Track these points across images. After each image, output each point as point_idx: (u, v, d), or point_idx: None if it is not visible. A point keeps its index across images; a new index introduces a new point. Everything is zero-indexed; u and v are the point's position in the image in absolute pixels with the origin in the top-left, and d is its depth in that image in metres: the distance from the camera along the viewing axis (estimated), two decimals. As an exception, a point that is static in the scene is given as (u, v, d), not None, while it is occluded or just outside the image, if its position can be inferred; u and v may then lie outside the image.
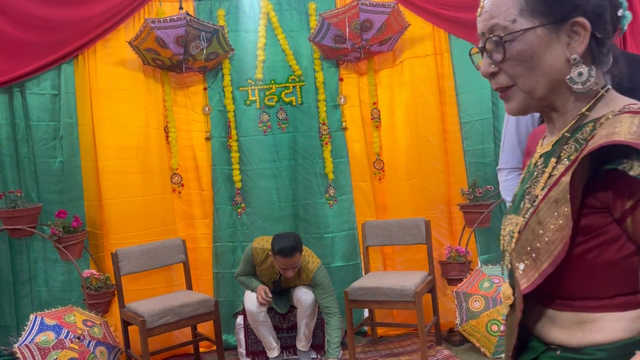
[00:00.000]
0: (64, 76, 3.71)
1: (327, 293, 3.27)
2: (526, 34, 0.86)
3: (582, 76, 0.85)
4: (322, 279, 3.27)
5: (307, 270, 3.26)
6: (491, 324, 3.27)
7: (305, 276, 3.27)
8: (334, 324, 3.20)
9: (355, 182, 3.99)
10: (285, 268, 3.13)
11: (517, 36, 0.87)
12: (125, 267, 3.46)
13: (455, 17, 3.81)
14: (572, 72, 0.86)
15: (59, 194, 3.74)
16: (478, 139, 3.92)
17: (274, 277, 3.32)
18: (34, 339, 3.22)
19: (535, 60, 0.87)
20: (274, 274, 3.30)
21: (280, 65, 3.95)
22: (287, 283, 3.36)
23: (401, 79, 3.97)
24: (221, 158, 3.92)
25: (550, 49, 0.86)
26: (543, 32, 0.86)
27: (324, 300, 3.25)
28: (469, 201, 3.75)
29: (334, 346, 3.15)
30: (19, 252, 3.77)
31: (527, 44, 0.87)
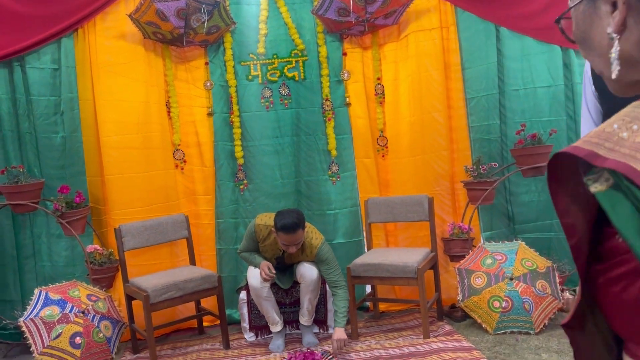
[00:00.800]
0: (64, 50, 3.67)
1: (333, 268, 3.28)
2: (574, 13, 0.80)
3: None
4: (327, 254, 3.27)
5: (311, 246, 3.26)
6: (493, 300, 3.28)
7: (310, 252, 3.28)
8: (342, 295, 3.23)
9: (359, 158, 3.96)
10: (287, 244, 3.14)
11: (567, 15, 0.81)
12: (128, 242, 3.47)
13: (462, -11, 3.73)
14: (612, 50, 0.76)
15: (61, 169, 3.73)
16: (483, 115, 3.87)
17: (277, 253, 3.32)
18: (39, 313, 3.25)
19: (587, 39, 0.80)
20: (277, 250, 3.30)
21: (282, 39, 3.88)
22: (291, 259, 3.36)
23: (406, 54, 3.90)
24: (223, 134, 3.89)
25: (594, 26, 0.78)
26: (584, 8, 0.79)
27: (330, 275, 3.26)
28: (472, 178, 3.72)
29: (341, 315, 3.19)
30: (23, 228, 3.79)
31: (575, 23, 0.80)
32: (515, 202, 3.95)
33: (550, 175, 0.74)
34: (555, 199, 0.73)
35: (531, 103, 3.84)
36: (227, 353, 3.35)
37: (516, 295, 3.24)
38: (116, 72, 3.70)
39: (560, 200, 0.73)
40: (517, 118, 3.83)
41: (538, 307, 3.22)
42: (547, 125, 3.78)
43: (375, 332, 3.50)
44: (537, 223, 3.92)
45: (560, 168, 0.72)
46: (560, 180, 0.73)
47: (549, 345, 3.02)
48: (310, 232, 3.29)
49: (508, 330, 3.24)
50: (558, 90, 3.82)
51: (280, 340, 3.37)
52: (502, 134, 3.90)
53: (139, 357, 3.39)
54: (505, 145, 3.88)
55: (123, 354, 3.46)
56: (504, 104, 3.87)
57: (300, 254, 3.29)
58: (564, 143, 3.82)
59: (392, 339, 3.31)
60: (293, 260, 3.37)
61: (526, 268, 3.33)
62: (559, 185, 0.73)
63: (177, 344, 3.60)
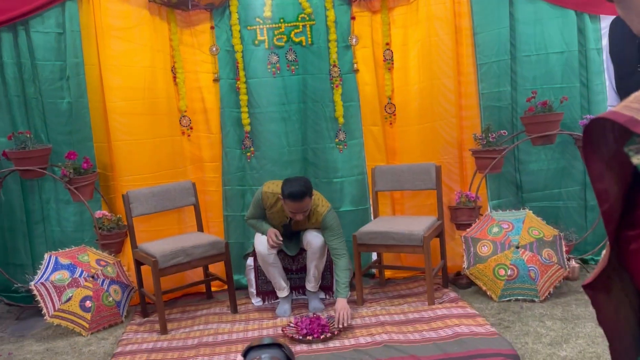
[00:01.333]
0: (68, 14, 3.62)
1: (336, 235, 3.28)
2: None
3: None
4: (332, 221, 3.28)
5: (317, 213, 3.27)
6: (498, 268, 3.29)
7: (315, 219, 3.28)
8: (343, 264, 3.24)
9: (366, 126, 3.92)
10: (294, 212, 3.14)
11: None
12: (136, 208, 3.49)
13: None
14: None
15: (67, 135, 3.73)
16: (494, 81, 3.80)
17: (284, 220, 3.33)
18: (50, 277, 3.30)
19: None
20: (283, 217, 3.31)
21: (289, 3, 3.79)
22: (297, 226, 3.37)
23: (416, 18, 3.81)
24: (230, 100, 3.85)
25: None
26: None
27: (333, 242, 3.27)
28: (481, 146, 3.68)
29: (342, 286, 3.21)
30: (31, 193, 3.81)
31: None
32: (524, 171, 3.91)
33: (585, 139, 0.72)
34: (589, 164, 0.72)
35: (543, 69, 3.76)
36: (234, 317, 3.41)
37: (522, 263, 3.24)
38: (121, 36, 3.65)
39: (595, 166, 0.72)
40: (528, 85, 3.76)
41: (543, 275, 3.23)
42: (559, 92, 3.71)
43: (380, 298, 3.54)
44: (546, 192, 3.90)
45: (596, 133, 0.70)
46: (595, 145, 0.71)
47: (553, 313, 3.04)
48: (317, 200, 3.29)
49: (513, 298, 3.26)
50: (571, 56, 3.74)
51: (287, 305, 3.42)
52: (512, 101, 3.83)
53: (149, 320, 3.46)
54: (516, 113, 3.82)
55: (132, 318, 3.53)
56: (515, 70, 3.79)
57: (307, 222, 3.30)
58: (576, 111, 3.76)
59: (397, 305, 3.34)
60: (300, 228, 3.38)
61: (533, 237, 3.32)
62: (594, 150, 0.71)
63: (185, 308, 3.67)
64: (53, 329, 3.38)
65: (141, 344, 3.06)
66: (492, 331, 2.78)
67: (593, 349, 2.57)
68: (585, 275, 3.62)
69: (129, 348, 3.01)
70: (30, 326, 3.50)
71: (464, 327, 2.86)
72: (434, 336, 2.81)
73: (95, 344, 3.15)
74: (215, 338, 3.08)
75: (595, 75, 3.74)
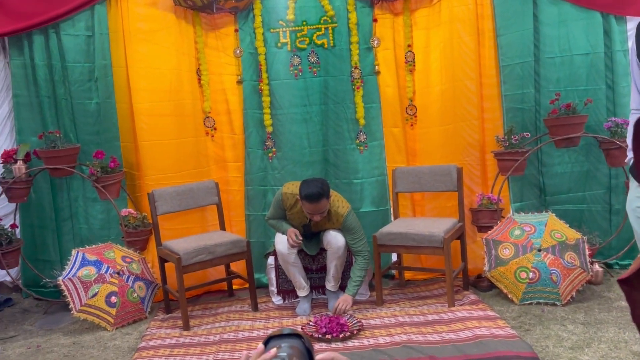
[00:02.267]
0: (97, 17, 3.73)
1: (358, 237, 3.32)
2: None
3: None
4: (353, 223, 3.31)
5: (337, 214, 3.30)
6: (520, 271, 3.26)
7: (336, 220, 3.31)
8: (360, 263, 3.29)
9: (387, 127, 3.93)
10: (312, 213, 3.18)
11: None
12: (161, 207, 3.57)
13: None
14: None
15: (95, 135, 3.84)
16: (517, 83, 3.78)
17: (304, 221, 3.37)
18: (77, 273, 3.40)
19: None
20: (303, 218, 3.35)
21: (312, 6, 3.83)
22: (317, 227, 3.41)
23: (438, 20, 3.81)
24: (252, 102, 3.91)
25: None
26: None
27: (355, 244, 3.31)
28: (503, 148, 3.66)
29: (353, 284, 3.27)
30: (60, 191, 3.93)
31: None
32: (547, 173, 3.87)
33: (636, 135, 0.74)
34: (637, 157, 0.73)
35: (567, 71, 3.72)
36: (255, 315, 3.46)
37: (544, 266, 3.21)
38: (148, 39, 3.74)
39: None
40: (552, 87, 3.73)
41: (566, 278, 3.19)
42: (583, 94, 3.67)
43: (400, 299, 3.54)
44: (569, 195, 3.85)
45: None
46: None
47: (575, 317, 3.01)
48: (336, 201, 3.32)
49: (534, 301, 3.24)
50: (597, 58, 3.69)
51: (307, 304, 3.45)
52: (536, 103, 3.80)
53: (172, 316, 3.53)
54: (539, 115, 3.79)
55: (156, 314, 3.60)
56: (538, 72, 3.76)
57: (327, 222, 3.33)
58: (601, 113, 3.71)
59: (417, 307, 3.35)
60: (320, 228, 3.41)
61: (555, 240, 3.29)
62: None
63: (207, 305, 3.73)
64: (79, 323, 3.47)
65: (164, 340, 3.13)
66: (512, 334, 2.76)
67: (615, 353, 2.54)
68: (609, 280, 3.56)
69: (152, 343, 3.08)
70: (58, 320, 3.60)
71: (483, 329, 2.85)
72: (453, 337, 2.80)
73: (119, 339, 3.22)
74: (236, 335, 3.13)
75: (621, 78, 3.69)
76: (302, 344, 0.89)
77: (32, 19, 3.65)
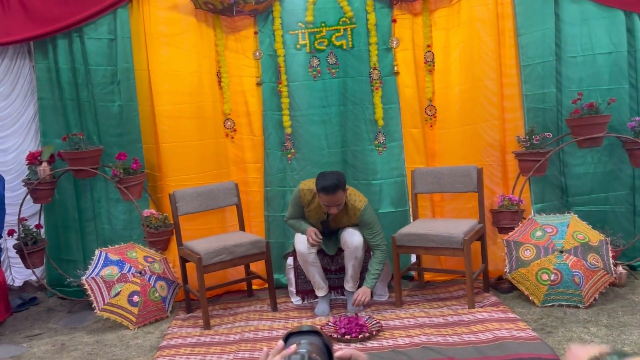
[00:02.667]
0: (119, 21, 3.79)
1: (375, 232, 3.35)
2: None
3: None
4: (370, 217, 3.33)
5: (355, 208, 3.31)
6: (541, 273, 3.23)
7: (353, 214, 3.33)
8: (379, 257, 3.34)
9: (406, 128, 3.92)
10: (328, 205, 3.21)
11: None
12: (182, 207, 3.61)
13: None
14: None
15: (118, 137, 3.90)
16: (538, 83, 3.73)
17: (322, 217, 3.38)
18: (100, 273, 3.46)
19: None
20: (321, 213, 3.37)
21: (331, 7, 3.85)
22: (336, 223, 3.42)
23: (458, 20, 3.79)
24: (272, 104, 3.94)
25: None
26: None
27: (373, 238, 3.34)
28: (524, 148, 3.62)
29: (371, 276, 3.31)
30: (83, 192, 4.01)
31: None
32: (569, 174, 3.82)
33: None
34: None
35: (590, 71, 3.67)
36: (274, 315, 3.48)
37: (566, 268, 3.17)
38: (169, 42, 3.79)
39: None
40: (574, 86, 3.68)
41: (589, 280, 3.15)
42: (606, 94, 3.62)
43: (419, 300, 3.53)
44: (592, 196, 3.79)
45: None
46: None
47: (598, 320, 2.96)
48: (353, 195, 3.33)
49: (556, 303, 3.19)
50: (620, 57, 3.63)
51: (326, 304, 3.46)
52: (557, 103, 3.76)
53: (192, 316, 3.57)
54: (561, 115, 3.74)
55: (177, 313, 3.65)
56: (560, 72, 3.72)
57: (344, 216, 3.34)
58: (625, 113, 3.65)
59: (436, 308, 3.33)
60: (338, 225, 3.42)
61: (577, 241, 3.25)
62: None
63: (227, 304, 3.76)
64: (102, 322, 3.53)
65: (185, 338, 3.17)
66: (533, 336, 2.73)
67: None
68: (633, 282, 3.50)
69: (173, 342, 3.12)
70: (81, 319, 3.67)
71: (504, 331, 2.83)
72: (473, 339, 2.79)
73: (141, 338, 3.27)
74: (256, 334, 3.15)
75: (645, 76, 3.62)
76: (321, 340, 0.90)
77: (57, 24, 3.73)
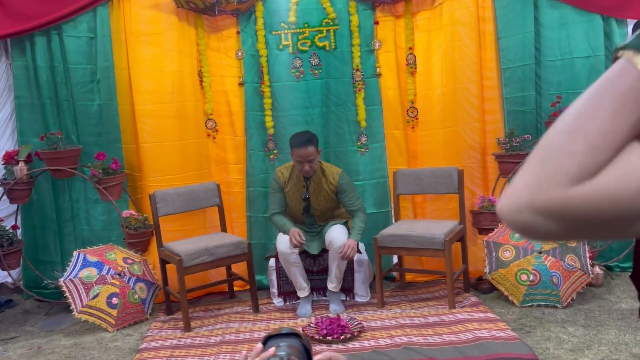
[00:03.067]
0: (99, 19, 3.74)
1: (355, 195, 3.49)
2: None
3: None
4: (349, 181, 3.47)
5: (333, 173, 3.43)
6: (520, 273, 3.27)
7: (332, 179, 3.42)
8: (360, 216, 3.44)
9: (388, 130, 3.94)
10: (301, 160, 3.28)
11: None
12: (162, 208, 3.57)
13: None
14: None
15: (97, 136, 3.84)
16: (518, 86, 3.79)
17: (302, 190, 3.45)
18: (78, 274, 3.40)
19: None
20: (301, 187, 3.43)
21: (314, 8, 3.85)
22: (317, 196, 3.43)
23: (439, 23, 3.83)
24: (254, 104, 3.92)
25: None
26: None
27: (354, 203, 3.45)
28: (505, 150, 3.67)
29: (356, 231, 3.39)
30: (62, 192, 3.94)
31: None
32: (547, 176, 3.87)
33: None
34: None
35: (568, 74, 3.73)
36: (256, 317, 3.46)
37: (544, 268, 3.22)
38: (150, 41, 3.75)
39: None
40: (553, 90, 3.74)
41: (566, 281, 3.20)
42: (584, 97, 3.67)
43: (401, 301, 3.55)
44: (570, 197, 3.85)
45: None
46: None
47: (575, 319, 3.01)
48: (329, 165, 3.51)
49: (535, 304, 3.24)
50: (597, 61, 3.70)
51: (308, 305, 3.46)
52: (537, 106, 3.81)
53: (172, 318, 3.53)
54: (540, 118, 3.79)
55: (157, 315, 3.61)
56: (540, 75, 3.78)
57: (324, 183, 3.41)
58: (601, 116, 3.71)
59: (418, 309, 3.35)
60: (319, 197, 3.44)
61: (556, 242, 3.30)
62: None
63: (208, 306, 3.73)
64: (80, 324, 3.48)
65: (165, 341, 3.13)
66: (512, 335, 2.77)
67: (616, 356, 2.54)
68: (610, 283, 3.57)
69: (153, 344, 3.09)
70: (59, 321, 3.61)
71: (484, 331, 2.86)
72: (453, 339, 2.81)
73: (120, 340, 3.23)
74: (237, 336, 3.13)
75: (621, 80, 3.69)
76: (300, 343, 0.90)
77: (35, 21, 3.66)
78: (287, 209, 3.52)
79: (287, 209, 3.52)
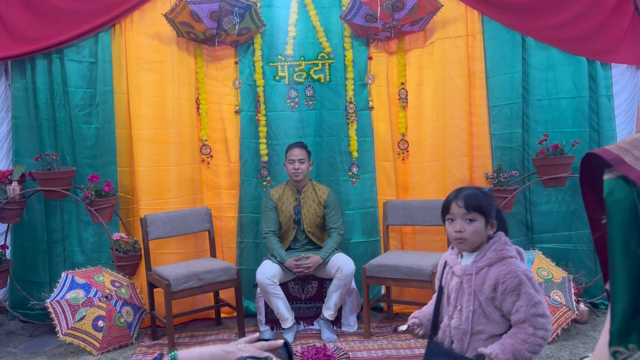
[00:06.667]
0: (101, 45, 3.83)
1: (339, 214, 3.67)
2: None
3: None
4: (335, 200, 3.68)
5: (322, 189, 3.67)
6: (506, 308, 3.29)
7: (322, 193, 3.64)
8: (335, 237, 3.59)
9: (379, 161, 4.02)
10: (293, 160, 3.52)
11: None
12: (153, 232, 3.59)
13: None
14: None
15: (93, 159, 3.89)
16: (506, 123, 3.89)
17: (294, 203, 3.58)
18: (65, 296, 3.39)
19: None
20: (293, 201, 3.58)
21: (310, 42, 3.97)
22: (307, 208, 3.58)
23: (431, 60, 3.95)
24: (249, 132, 4.00)
25: None
26: None
27: (336, 221, 3.63)
28: (492, 185, 3.74)
29: (326, 252, 3.50)
30: (53, 213, 3.95)
31: None
32: (534, 212, 3.95)
33: (581, 172, 0.80)
34: (584, 195, 0.80)
35: (555, 113, 3.85)
36: (242, 344, 3.44)
37: (530, 303, 3.25)
38: (150, 68, 3.84)
39: (589, 197, 0.81)
40: (539, 128, 3.84)
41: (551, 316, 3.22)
42: (569, 136, 3.79)
43: (387, 332, 3.55)
44: (556, 233, 3.92)
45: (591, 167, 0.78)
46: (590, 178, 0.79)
47: (559, 355, 3.03)
48: (319, 184, 3.74)
49: (520, 338, 3.25)
50: (582, 101, 3.83)
51: (290, 334, 3.45)
52: (524, 143, 3.91)
53: (158, 343, 3.51)
54: (527, 155, 3.89)
55: (142, 340, 3.58)
56: (527, 114, 3.89)
57: (314, 196, 3.59)
58: (587, 155, 3.81)
59: (404, 340, 3.36)
60: (309, 210, 3.60)
61: (541, 277, 3.34)
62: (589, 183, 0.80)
63: (194, 332, 3.71)
64: (65, 347, 3.44)
65: (150, 366, 3.10)
66: (497, 369, 2.77)
67: (599, 391, 2.55)
68: (595, 320, 3.60)
69: (137, 369, 3.06)
70: (43, 343, 3.57)
71: (469, 364, 2.86)
72: (439, 371, 2.81)
73: (104, 364, 3.20)
74: (223, 363, 3.11)
75: (606, 121, 3.81)
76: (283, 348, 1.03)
77: (37, 44, 3.74)
78: (280, 226, 3.60)
79: (280, 226, 3.60)
